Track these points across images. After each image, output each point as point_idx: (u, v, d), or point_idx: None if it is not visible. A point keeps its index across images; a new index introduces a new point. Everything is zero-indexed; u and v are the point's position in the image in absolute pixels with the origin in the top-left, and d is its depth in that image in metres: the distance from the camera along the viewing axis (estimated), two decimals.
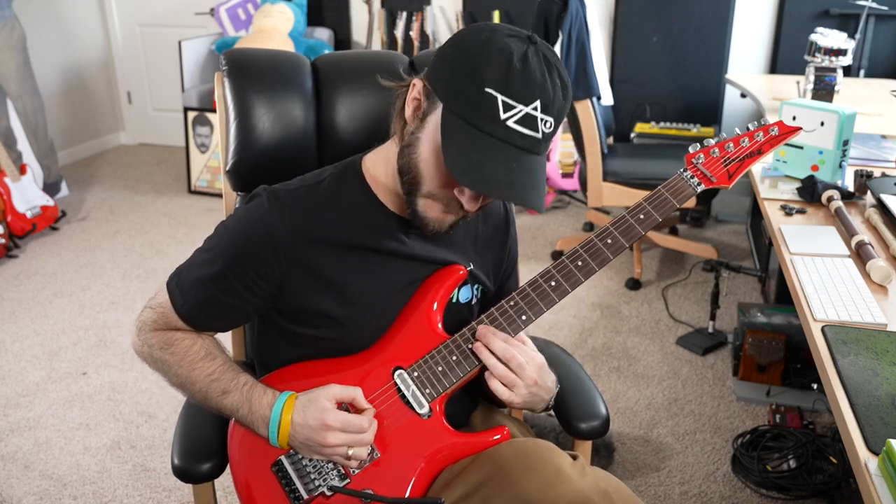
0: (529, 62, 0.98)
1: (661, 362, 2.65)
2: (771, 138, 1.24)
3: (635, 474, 2.10)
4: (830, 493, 1.96)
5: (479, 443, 1.11)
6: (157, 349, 1.17)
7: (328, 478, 1.09)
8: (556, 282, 1.13)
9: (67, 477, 2.11)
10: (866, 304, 1.35)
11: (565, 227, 3.89)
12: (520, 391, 1.10)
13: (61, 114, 4.84)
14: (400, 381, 1.12)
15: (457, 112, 1.00)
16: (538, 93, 0.98)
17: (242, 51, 1.41)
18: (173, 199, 4.31)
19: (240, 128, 1.34)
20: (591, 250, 1.14)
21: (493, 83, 0.97)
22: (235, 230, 1.14)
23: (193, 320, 1.16)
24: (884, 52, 3.70)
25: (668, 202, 1.16)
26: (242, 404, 1.10)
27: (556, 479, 1.00)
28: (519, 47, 0.99)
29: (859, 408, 1.07)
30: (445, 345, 1.13)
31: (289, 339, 1.18)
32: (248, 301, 1.13)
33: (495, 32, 1.00)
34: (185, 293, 1.14)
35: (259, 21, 4.32)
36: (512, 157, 1.00)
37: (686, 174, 1.19)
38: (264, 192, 1.14)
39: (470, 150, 0.98)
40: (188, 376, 1.14)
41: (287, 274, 1.11)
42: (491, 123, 0.98)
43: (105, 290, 3.22)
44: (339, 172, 1.17)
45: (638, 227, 1.15)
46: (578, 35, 3.07)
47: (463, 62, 1.00)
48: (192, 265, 1.16)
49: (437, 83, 1.02)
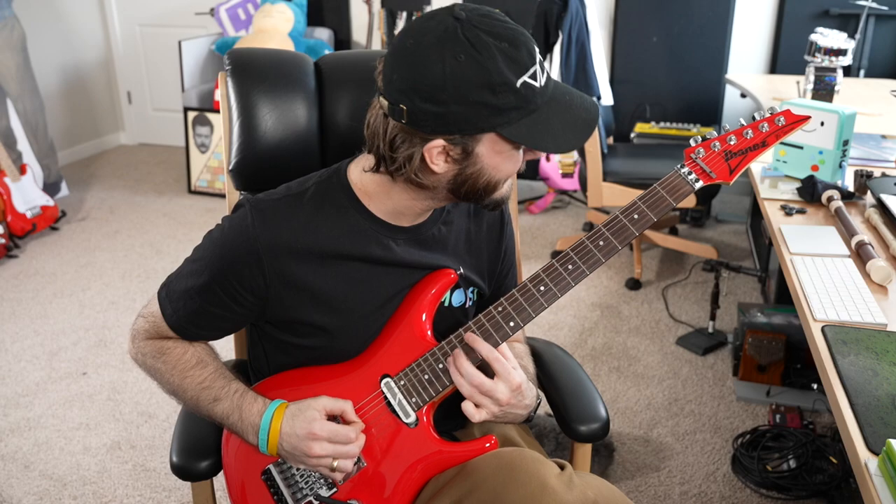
0: (484, 43, 0.94)
1: (661, 362, 2.65)
2: (777, 129, 1.15)
3: (635, 474, 2.10)
4: (830, 493, 1.96)
5: (466, 452, 1.10)
6: (150, 357, 1.17)
7: (315, 487, 1.10)
8: (545, 286, 1.09)
9: (67, 477, 2.11)
10: (866, 304, 1.35)
11: (565, 227, 3.89)
12: (490, 409, 1.08)
13: (61, 114, 4.84)
14: (387, 390, 1.12)
15: (509, 123, 0.98)
16: (526, 40, 0.97)
17: (246, 50, 1.42)
18: (173, 199, 4.31)
19: (243, 127, 1.34)
20: (582, 253, 1.09)
21: (513, 75, 0.95)
22: (219, 243, 1.12)
23: (183, 331, 1.16)
24: (884, 52, 3.70)
25: (664, 201, 1.10)
26: (233, 412, 1.11)
27: (540, 492, 0.98)
28: (472, 34, 0.93)
29: (859, 408, 1.07)
30: (432, 352, 1.11)
31: (279, 347, 1.18)
32: (236, 312, 1.13)
33: (431, 48, 0.94)
34: (174, 304, 1.14)
35: (259, 21, 4.32)
36: (555, 97, 1.02)
37: (684, 170, 1.13)
38: (247, 204, 1.11)
39: (547, 128, 0.99)
40: (180, 384, 1.15)
41: (272, 286, 1.10)
42: (537, 97, 0.99)
43: (105, 290, 3.22)
44: (325, 180, 1.14)
45: (632, 227, 1.09)
46: (578, 35, 3.07)
47: (479, 91, 0.94)
48: (181, 276, 1.15)
49: (466, 127, 0.97)
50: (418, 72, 0.95)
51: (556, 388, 1.31)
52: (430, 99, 0.95)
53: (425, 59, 0.95)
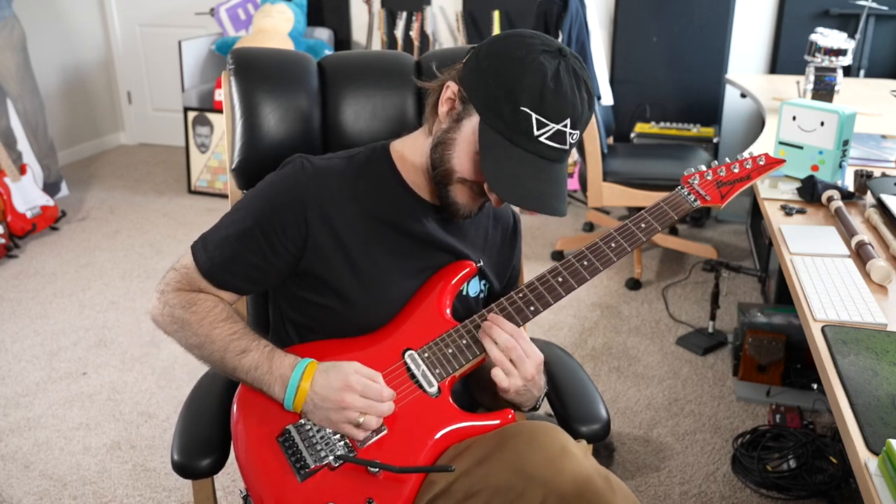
0: (561, 80, 1.05)
1: (661, 362, 2.65)
2: (758, 167, 1.36)
3: (635, 474, 2.10)
4: (830, 493, 1.96)
5: (485, 424, 1.14)
6: (178, 308, 1.17)
7: (335, 449, 1.10)
8: (562, 278, 1.19)
9: (67, 477, 2.11)
10: (866, 304, 1.35)
11: (565, 227, 3.89)
12: (515, 381, 1.14)
13: (61, 114, 4.84)
14: (410, 361, 1.16)
15: (493, 126, 1.08)
16: (569, 111, 1.06)
17: (249, 49, 1.42)
18: (173, 199, 4.31)
19: (246, 126, 1.35)
20: (597, 252, 1.21)
21: (528, 103, 1.05)
22: (268, 190, 1.18)
23: (216, 277, 1.18)
24: (884, 52, 3.70)
25: (667, 214, 1.26)
26: (262, 363, 1.12)
27: (560, 455, 1.03)
28: (551, 64, 1.05)
29: (859, 408, 1.07)
30: (456, 329, 1.18)
31: (296, 306, 1.22)
32: (271, 262, 1.16)
33: (529, 49, 1.06)
34: (210, 252, 1.18)
35: (259, 21, 4.32)
36: (541, 168, 1.09)
37: (683, 191, 1.29)
38: (298, 158, 1.20)
39: (505, 162, 1.07)
40: (208, 334, 1.15)
41: (311, 236, 1.15)
42: (525, 139, 1.07)
43: (105, 290, 3.22)
44: (370, 151, 1.23)
45: (639, 234, 1.23)
46: (578, 35, 3.07)
47: (499, 80, 1.06)
48: (220, 227, 1.20)
49: (474, 95, 1.10)
50: (507, 45, 1.09)
51: (557, 388, 1.31)
52: (482, 64, 1.09)
53: (521, 41, 1.08)
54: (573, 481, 1.00)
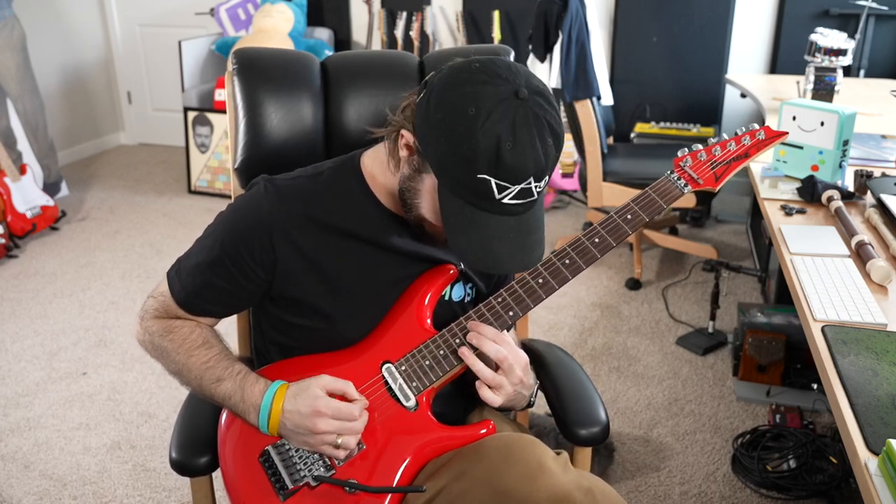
0: (519, 137, 0.96)
1: (661, 362, 2.65)
2: (757, 142, 1.27)
3: (635, 474, 2.10)
4: (830, 493, 1.96)
5: (464, 436, 1.12)
6: (157, 336, 1.19)
7: (314, 468, 1.10)
8: (543, 279, 1.15)
9: (67, 477, 2.11)
10: (866, 304, 1.35)
11: (565, 227, 3.89)
12: (505, 391, 1.12)
13: (61, 114, 4.84)
14: (388, 375, 1.14)
15: (452, 190, 1.01)
16: (531, 168, 0.98)
17: (252, 49, 1.42)
18: (173, 199, 4.31)
19: (248, 126, 1.35)
20: (579, 249, 1.16)
21: (486, 169, 0.97)
22: (233, 216, 1.17)
23: (190, 305, 1.18)
24: (884, 52, 3.70)
25: (655, 203, 1.19)
26: (235, 392, 1.12)
27: (537, 471, 1.01)
28: (507, 118, 0.96)
29: (859, 408, 1.07)
30: (433, 339, 1.15)
31: (275, 325, 1.21)
32: (243, 287, 1.15)
33: (481, 101, 0.96)
34: (183, 280, 1.17)
35: (259, 21, 4.32)
36: (510, 226, 1.02)
37: (673, 176, 1.23)
38: (262, 180, 1.17)
39: (471, 227, 1.01)
40: (185, 363, 1.16)
41: (280, 260, 1.13)
42: (487, 203, 1.00)
43: (105, 290, 3.22)
44: (338, 166, 1.19)
45: (625, 226, 1.17)
46: (578, 35, 3.07)
47: (452, 143, 0.98)
48: (191, 254, 1.19)
49: (429, 153, 1.02)
50: (457, 94, 0.98)
51: (557, 391, 1.30)
52: (433, 117, 1.00)
53: (473, 89, 0.98)
54: (550, 498, 0.98)
